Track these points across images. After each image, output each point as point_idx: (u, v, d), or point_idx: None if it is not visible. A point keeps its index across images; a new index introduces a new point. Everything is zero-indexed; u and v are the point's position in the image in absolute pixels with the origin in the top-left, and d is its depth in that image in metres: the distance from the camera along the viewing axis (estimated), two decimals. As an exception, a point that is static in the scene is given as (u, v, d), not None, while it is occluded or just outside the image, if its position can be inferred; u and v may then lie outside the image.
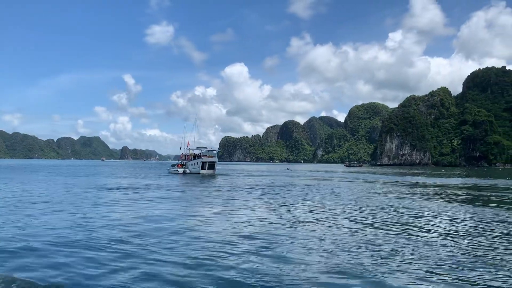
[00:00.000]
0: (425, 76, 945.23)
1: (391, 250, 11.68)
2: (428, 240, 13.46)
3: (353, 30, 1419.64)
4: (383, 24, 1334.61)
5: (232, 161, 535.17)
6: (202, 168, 69.48)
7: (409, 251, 11.70)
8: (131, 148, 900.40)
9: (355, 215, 19.07)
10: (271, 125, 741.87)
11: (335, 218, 17.95)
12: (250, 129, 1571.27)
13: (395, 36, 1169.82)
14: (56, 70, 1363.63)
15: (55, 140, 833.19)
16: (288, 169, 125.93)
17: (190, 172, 71.43)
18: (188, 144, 79.95)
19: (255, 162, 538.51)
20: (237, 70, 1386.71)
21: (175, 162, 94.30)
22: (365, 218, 18.14)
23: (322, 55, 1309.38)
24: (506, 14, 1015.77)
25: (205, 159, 70.34)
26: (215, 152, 77.55)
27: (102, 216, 17.12)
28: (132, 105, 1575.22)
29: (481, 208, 22.63)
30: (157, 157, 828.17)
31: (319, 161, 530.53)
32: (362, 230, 15.04)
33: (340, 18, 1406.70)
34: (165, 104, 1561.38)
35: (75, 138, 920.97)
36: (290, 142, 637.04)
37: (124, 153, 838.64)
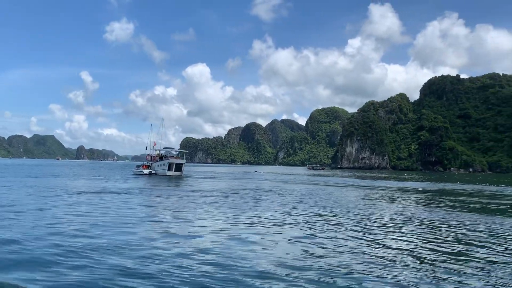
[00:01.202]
0: (382, 83, 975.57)
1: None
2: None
3: (314, 35, 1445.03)
4: (343, 31, 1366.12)
5: (193, 163, 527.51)
6: (169, 169, 66.91)
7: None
8: (87, 147, 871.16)
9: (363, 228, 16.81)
10: (232, 126, 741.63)
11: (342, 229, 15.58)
12: (211, 131, 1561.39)
13: (354, 43, 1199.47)
14: (6, 65, 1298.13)
15: (6, 138, 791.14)
16: (256, 171, 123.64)
17: (156, 174, 68.29)
18: (155, 144, 76.47)
19: (216, 164, 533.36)
20: (199, 71, 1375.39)
21: (140, 163, 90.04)
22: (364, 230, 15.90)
23: (284, 58, 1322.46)
24: (459, 25, 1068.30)
25: (172, 161, 67.77)
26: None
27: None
28: (89, 103, 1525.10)
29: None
30: (115, 158, 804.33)
31: (280, 164, 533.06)
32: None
33: (302, 23, 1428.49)
34: (123, 103, 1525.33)
35: (28, 136, 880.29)
36: (252, 145, 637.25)
37: (80, 153, 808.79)
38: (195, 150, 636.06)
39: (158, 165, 69.65)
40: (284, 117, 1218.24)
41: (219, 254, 11.16)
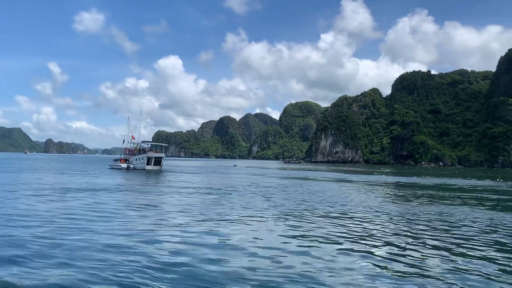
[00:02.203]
0: (354, 77, 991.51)
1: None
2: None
3: (287, 29, 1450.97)
4: (316, 25, 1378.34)
5: (166, 156, 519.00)
6: (148, 163, 65.14)
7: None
8: (56, 140, 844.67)
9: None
10: (205, 120, 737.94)
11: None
12: (184, 124, 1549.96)
13: (327, 38, 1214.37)
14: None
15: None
16: (235, 165, 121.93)
17: (134, 168, 66.06)
18: (133, 137, 73.81)
19: (189, 157, 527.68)
20: (171, 63, 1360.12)
21: (117, 156, 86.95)
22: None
23: (257, 52, 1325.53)
24: (428, 22, 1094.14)
25: (151, 154, 66.06)
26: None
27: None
28: (57, 95, 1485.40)
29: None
30: (85, 151, 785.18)
31: (254, 157, 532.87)
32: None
33: (275, 17, 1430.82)
34: (93, 96, 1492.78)
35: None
36: (226, 138, 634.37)
37: (48, 146, 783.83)
38: (168, 143, 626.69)
39: (136, 159, 67.56)
40: (258, 111, 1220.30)
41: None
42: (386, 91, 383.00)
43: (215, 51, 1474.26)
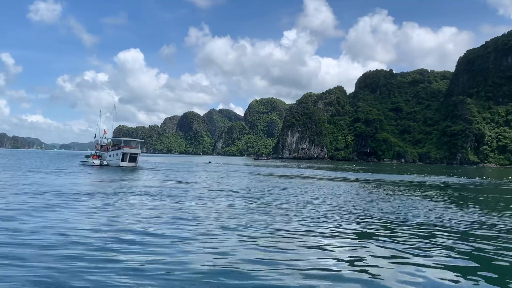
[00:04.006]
0: (316, 75, 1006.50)
1: None
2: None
3: (250, 26, 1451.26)
4: (279, 22, 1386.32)
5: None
6: (123, 160, 62.43)
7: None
8: (10, 135, 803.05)
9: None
10: (167, 115, 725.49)
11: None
12: (145, 119, 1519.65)
13: (290, 35, 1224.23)
14: None
15: None
16: (210, 162, 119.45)
17: (108, 165, 62.72)
18: (105, 132, 70.35)
19: (152, 153, 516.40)
20: (132, 56, 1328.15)
21: (89, 152, 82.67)
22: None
23: (220, 47, 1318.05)
24: (388, 22, 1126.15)
25: (126, 150, 63.15)
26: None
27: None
28: (10, 87, 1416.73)
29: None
30: (43, 146, 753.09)
31: (219, 154, 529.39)
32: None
33: (239, 12, 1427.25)
34: (50, 88, 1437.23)
35: None
36: (190, 134, 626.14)
37: (2, 141, 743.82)
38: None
39: (110, 155, 64.48)
40: (221, 106, 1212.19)
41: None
42: (347, 89, 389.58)
43: (178, 45, 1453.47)
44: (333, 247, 11.38)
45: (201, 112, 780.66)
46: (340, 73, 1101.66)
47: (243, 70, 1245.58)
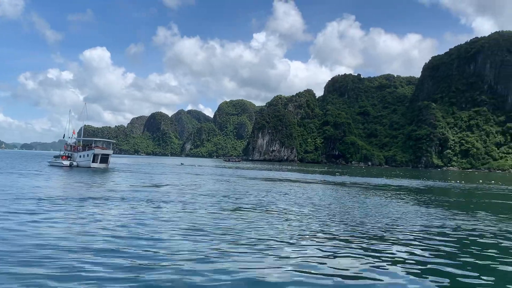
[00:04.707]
0: (285, 78, 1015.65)
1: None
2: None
3: (220, 27, 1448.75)
4: (249, 24, 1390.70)
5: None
6: (94, 161, 60.45)
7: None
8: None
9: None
10: (133, 115, 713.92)
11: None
12: (111, 119, 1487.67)
13: (259, 37, 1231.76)
14: None
15: None
16: (182, 164, 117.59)
17: (78, 166, 60.51)
18: (74, 132, 67.94)
19: (118, 154, 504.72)
20: (98, 55, 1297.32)
21: (57, 152, 79.40)
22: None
23: (189, 47, 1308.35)
24: (355, 27, 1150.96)
25: (98, 151, 61.24)
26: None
27: None
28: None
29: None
30: (3, 146, 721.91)
31: (187, 155, 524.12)
32: None
33: (208, 13, 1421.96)
34: (11, 86, 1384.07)
35: None
36: (158, 135, 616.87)
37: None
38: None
39: (80, 156, 62.35)
40: (190, 107, 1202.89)
41: None
42: (315, 92, 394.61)
43: (146, 44, 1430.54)
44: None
45: (169, 112, 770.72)
46: (309, 76, 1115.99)
47: (213, 71, 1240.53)
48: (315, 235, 13.53)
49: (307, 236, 13.30)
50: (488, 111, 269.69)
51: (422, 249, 11.98)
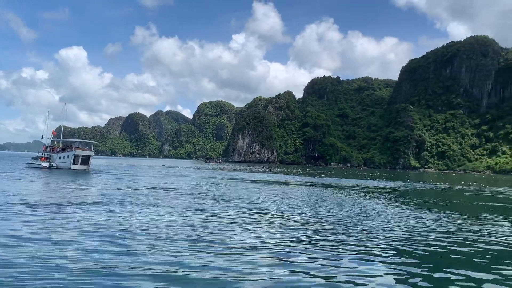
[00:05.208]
0: (264, 79, 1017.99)
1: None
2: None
3: (199, 27, 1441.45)
4: (228, 25, 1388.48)
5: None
6: (74, 162, 59.00)
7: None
8: None
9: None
10: (110, 116, 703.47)
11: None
12: (87, 119, 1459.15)
13: (239, 39, 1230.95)
14: None
15: None
16: (164, 165, 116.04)
17: (57, 167, 58.88)
18: (54, 133, 66.10)
19: (95, 155, 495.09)
20: (74, 54, 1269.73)
21: (35, 153, 76.81)
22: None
23: (168, 48, 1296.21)
24: (334, 30, 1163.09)
25: (78, 152, 59.92)
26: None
27: None
28: None
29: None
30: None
31: (166, 156, 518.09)
32: None
33: (187, 13, 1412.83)
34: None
35: None
36: (135, 136, 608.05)
37: None
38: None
39: (60, 157, 60.82)
40: (168, 108, 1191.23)
41: None
42: (295, 94, 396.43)
43: (123, 44, 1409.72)
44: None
45: (147, 113, 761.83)
46: (288, 78, 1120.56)
47: (191, 72, 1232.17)
48: (297, 239, 13.40)
49: (288, 239, 13.13)
50: (463, 114, 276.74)
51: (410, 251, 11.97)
